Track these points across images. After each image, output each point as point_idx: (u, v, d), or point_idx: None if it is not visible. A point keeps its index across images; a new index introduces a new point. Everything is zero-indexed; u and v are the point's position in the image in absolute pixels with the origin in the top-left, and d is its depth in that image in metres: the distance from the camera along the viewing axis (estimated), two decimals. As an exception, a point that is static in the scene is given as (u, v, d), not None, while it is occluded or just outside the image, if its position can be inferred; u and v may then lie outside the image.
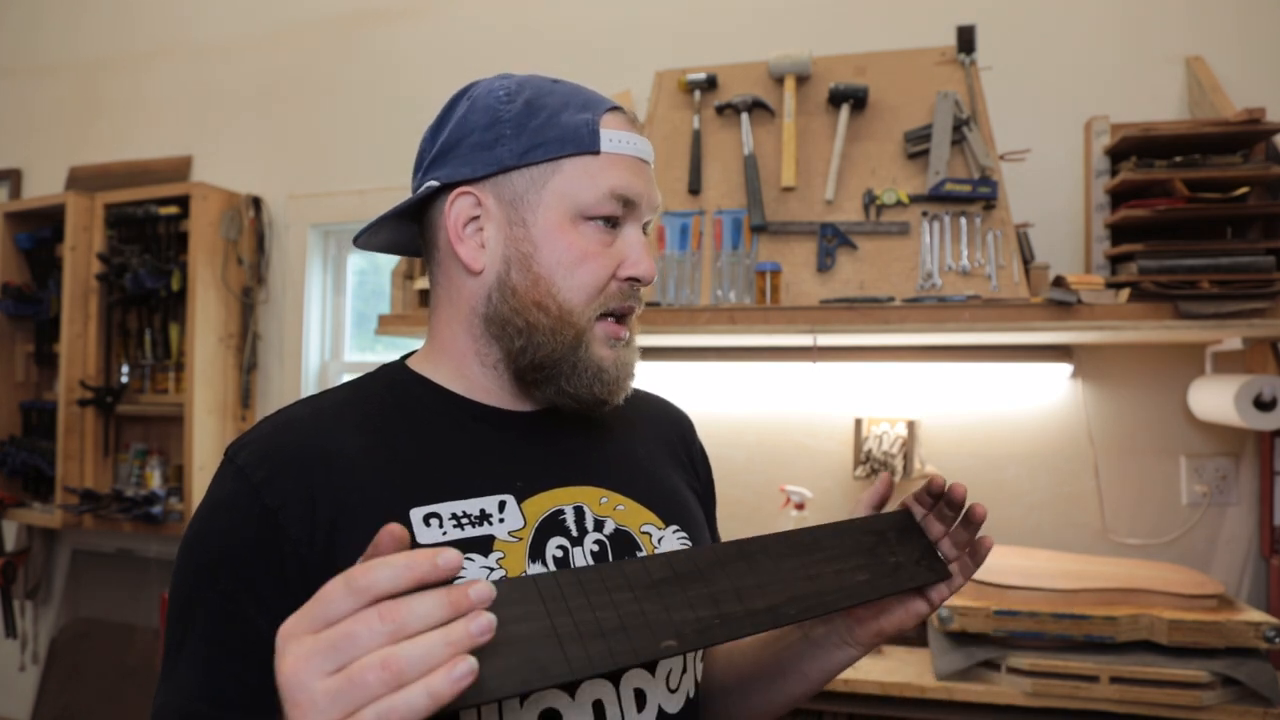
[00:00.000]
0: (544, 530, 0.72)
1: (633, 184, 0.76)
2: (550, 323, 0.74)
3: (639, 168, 0.78)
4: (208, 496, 0.71)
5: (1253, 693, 1.49)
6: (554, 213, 0.75)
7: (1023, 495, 1.99)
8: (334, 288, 2.76)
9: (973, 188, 1.70)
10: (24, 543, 2.89)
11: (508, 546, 0.70)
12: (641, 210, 0.78)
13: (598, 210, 0.75)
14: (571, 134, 0.75)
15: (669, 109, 1.98)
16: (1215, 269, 1.50)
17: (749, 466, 2.13)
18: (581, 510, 0.76)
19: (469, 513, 0.70)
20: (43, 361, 2.82)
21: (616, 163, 0.76)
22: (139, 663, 2.67)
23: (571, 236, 0.75)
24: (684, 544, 0.81)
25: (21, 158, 3.13)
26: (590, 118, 0.76)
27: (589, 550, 0.74)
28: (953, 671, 1.59)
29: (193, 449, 2.50)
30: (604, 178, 0.75)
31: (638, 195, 0.77)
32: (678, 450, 0.92)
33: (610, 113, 0.78)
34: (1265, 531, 1.82)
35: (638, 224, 0.78)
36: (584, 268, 0.74)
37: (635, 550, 0.76)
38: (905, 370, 2.04)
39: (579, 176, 0.75)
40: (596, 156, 0.75)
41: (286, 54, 2.74)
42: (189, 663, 0.66)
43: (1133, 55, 1.99)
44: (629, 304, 0.78)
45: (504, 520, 0.71)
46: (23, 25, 3.17)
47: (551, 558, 0.71)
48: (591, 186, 0.75)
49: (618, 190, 0.75)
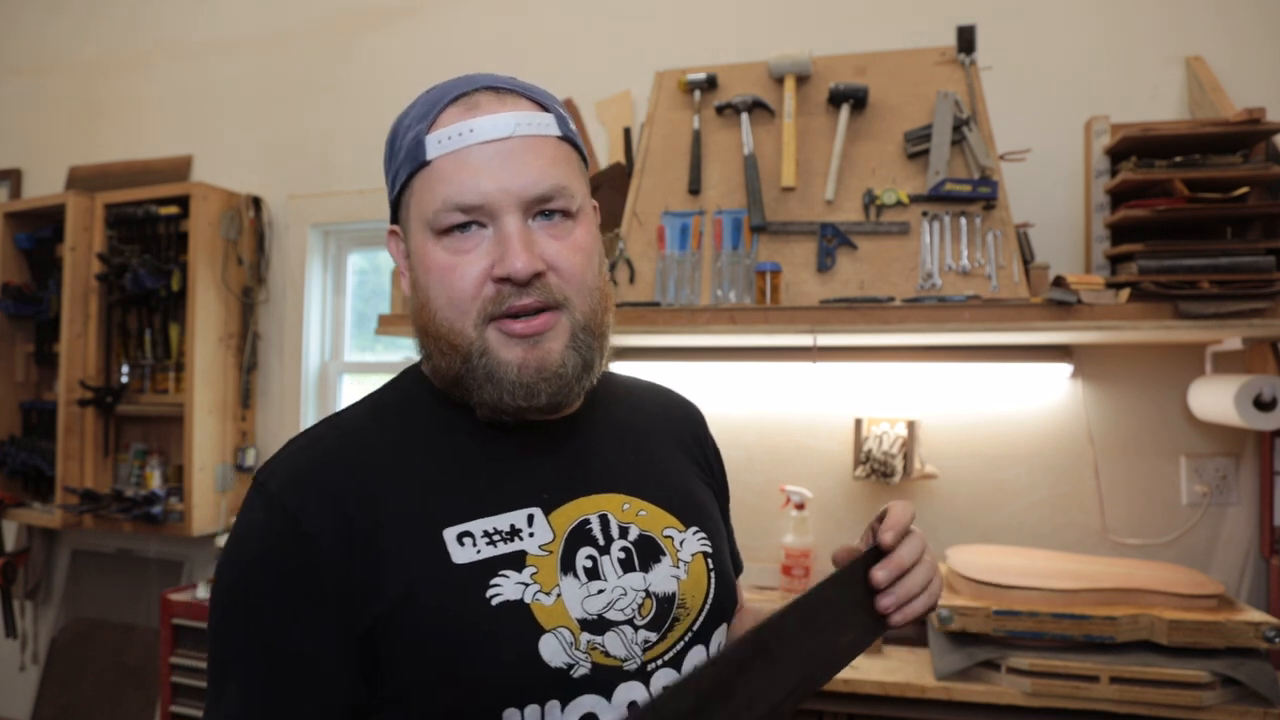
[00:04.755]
0: (572, 541, 0.73)
1: (468, 184, 0.70)
2: (439, 343, 0.74)
3: (481, 158, 0.70)
4: (242, 523, 0.71)
5: (1253, 693, 1.49)
6: (418, 237, 0.74)
7: (1023, 495, 1.99)
8: (334, 288, 2.76)
9: (973, 188, 1.70)
10: (24, 543, 2.89)
11: (539, 561, 0.71)
12: (496, 205, 0.70)
13: (442, 224, 0.71)
14: (408, 153, 0.74)
15: (669, 109, 1.98)
16: (1215, 269, 1.50)
17: (749, 466, 2.13)
18: (606, 519, 0.76)
19: (500, 529, 0.71)
20: (43, 361, 2.82)
21: (448, 166, 0.71)
22: (139, 663, 2.67)
23: (433, 255, 0.72)
24: (704, 545, 0.81)
25: (21, 158, 3.13)
26: (421, 128, 0.72)
27: (616, 558, 0.74)
28: (952, 671, 1.59)
29: (193, 449, 2.50)
30: (437, 189, 0.71)
31: (480, 195, 0.70)
32: (691, 447, 0.92)
33: (452, 105, 0.72)
34: (1265, 531, 1.82)
35: (512, 214, 0.71)
36: (445, 283, 0.72)
37: (659, 554, 0.77)
38: (905, 370, 2.04)
39: (421, 193, 0.73)
40: (427, 167, 0.72)
41: (286, 54, 2.74)
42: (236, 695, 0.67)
43: (1133, 55, 1.99)
44: (522, 302, 0.71)
45: (534, 534, 0.72)
46: (23, 26, 3.17)
47: (582, 569, 0.72)
48: (430, 201, 0.72)
49: (450, 199, 0.70)
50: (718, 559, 0.82)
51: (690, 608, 0.77)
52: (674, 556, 0.78)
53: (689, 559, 0.79)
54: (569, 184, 0.73)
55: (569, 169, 0.75)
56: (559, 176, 0.72)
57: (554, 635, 0.68)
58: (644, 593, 0.74)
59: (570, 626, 0.69)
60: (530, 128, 0.72)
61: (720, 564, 0.82)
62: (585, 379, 0.75)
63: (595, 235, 0.78)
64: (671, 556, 0.78)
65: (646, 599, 0.74)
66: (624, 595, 0.73)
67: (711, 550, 0.82)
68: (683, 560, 0.79)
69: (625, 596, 0.73)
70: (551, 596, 0.70)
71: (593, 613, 0.71)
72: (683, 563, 0.78)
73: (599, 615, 0.71)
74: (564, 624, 0.69)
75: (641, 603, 0.74)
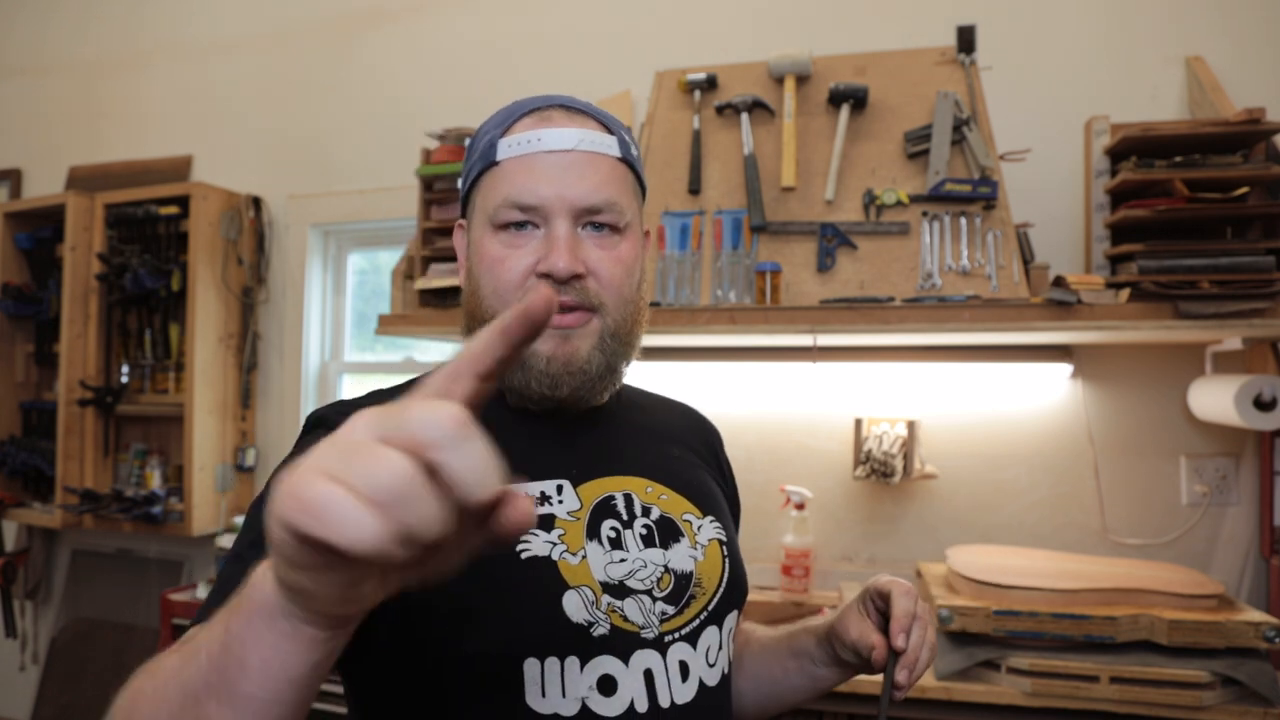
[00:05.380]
0: (598, 513, 0.78)
1: (528, 186, 0.77)
2: (480, 323, 0.79)
3: (545, 165, 0.77)
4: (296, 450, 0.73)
5: (1253, 693, 1.49)
6: (478, 229, 0.82)
7: (1023, 495, 1.99)
8: (334, 288, 2.76)
9: (973, 188, 1.70)
10: (24, 543, 2.89)
11: (567, 525, 0.76)
12: (551, 209, 0.77)
13: (501, 219, 0.78)
14: (481, 152, 0.82)
15: (669, 109, 1.98)
16: (1215, 269, 1.50)
17: (749, 466, 2.13)
18: (630, 497, 0.81)
19: (530, 494, 0.75)
20: (43, 361, 2.82)
21: (514, 168, 0.78)
22: (139, 663, 2.63)
23: (488, 246, 0.79)
24: (719, 532, 0.86)
25: (21, 158, 3.13)
26: (496, 133, 0.80)
27: (638, 533, 0.79)
28: (953, 671, 1.59)
29: (193, 449, 2.50)
30: (501, 187, 0.78)
31: (538, 197, 0.76)
32: (707, 457, 0.98)
33: (527, 116, 0.80)
34: (1265, 531, 1.82)
35: (563, 219, 0.77)
36: (494, 273, 0.78)
37: (679, 535, 0.82)
38: (905, 370, 2.04)
39: (487, 190, 0.80)
40: (496, 167, 0.79)
41: (286, 54, 2.74)
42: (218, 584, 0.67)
43: (1133, 55, 1.99)
44: (560, 299, 0.75)
45: (563, 502, 0.77)
46: (23, 26, 3.17)
47: (606, 538, 0.77)
48: (493, 197, 0.79)
49: (510, 198, 0.77)
50: (731, 548, 0.86)
51: (706, 588, 0.81)
52: (692, 539, 0.82)
53: (706, 543, 0.83)
54: (620, 201, 0.79)
55: (622, 188, 0.81)
56: (612, 193, 0.79)
57: (577, 592, 0.73)
58: (663, 568, 0.79)
59: (593, 586, 0.74)
60: (592, 145, 0.79)
61: (734, 553, 0.86)
62: (608, 380, 0.81)
63: (639, 254, 0.83)
64: (690, 538, 0.82)
65: (665, 574, 0.78)
66: (644, 567, 0.78)
67: (726, 539, 0.86)
68: (700, 544, 0.83)
69: (645, 568, 0.77)
70: (577, 557, 0.74)
71: (615, 578, 0.75)
72: (700, 545, 0.83)
73: (620, 581, 0.75)
74: (587, 583, 0.74)
75: (660, 576, 0.78)
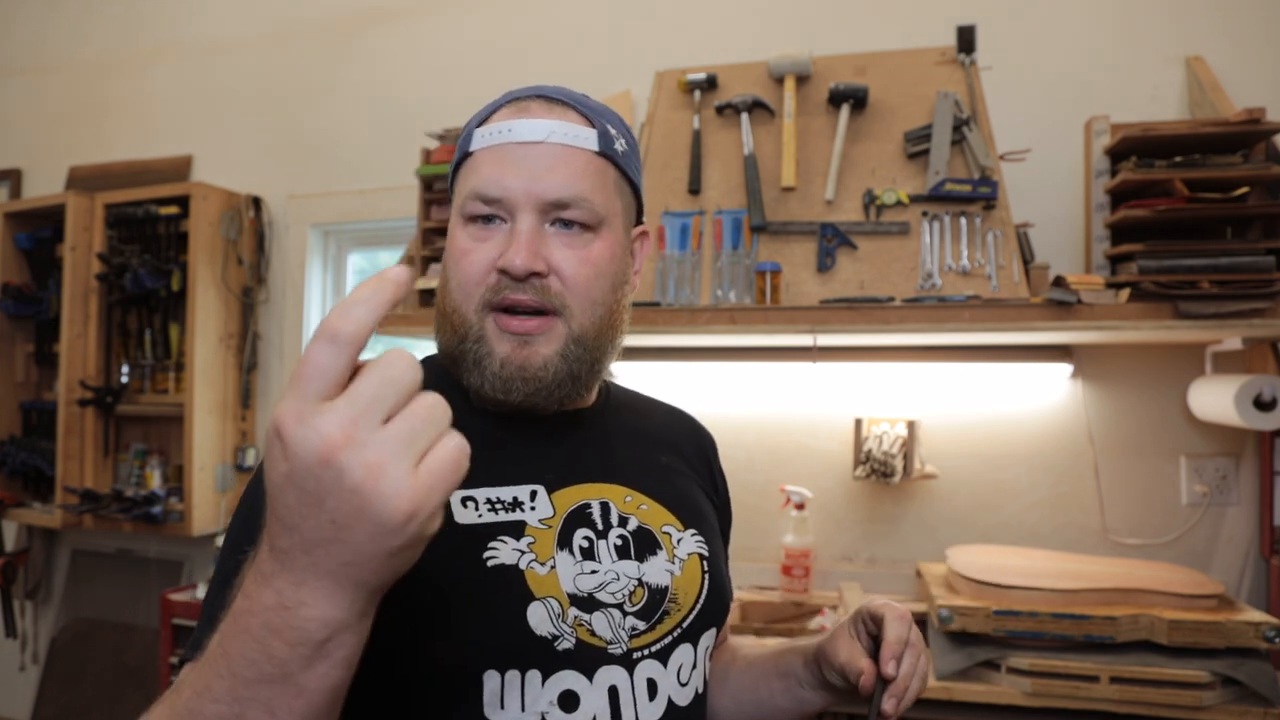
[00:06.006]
0: (572, 521, 0.76)
1: (495, 178, 0.74)
2: (447, 319, 0.78)
3: (514, 157, 0.74)
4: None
5: (1253, 693, 1.49)
6: (452, 221, 0.80)
7: (1023, 495, 1.99)
8: (334, 287, 2.76)
9: (973, 188, 1.70)
10: (24, 543, 2.89)
11: (538, 533, 0.73)
12: (515, 202, 0.73)
13: (468, 211, 0.76)
14: (460, 144, 0.80)
15: (669, 109, 1.98)
16: (1215, 269, 1.50)
17: (749, 466, 2.13)
18: (607, 506, 0.79)
19: (502, 499, 0.74)
20: (43, 361, 2.82)
21: (485, 159, 0.75)
22: (139, 663, 2.67)
23: (457, 238, 0.77)
24: (700, 546, 0.83)
25: (21, 158, 3.13)
26: (474, 124, 0.79)
27: (613, 544, 0.77)
28: (953, 671, 1.59)
29: (193, 449, 2.50)
30: (470, 179, 0.76)
31: (503, 189, 0.73)
32: (699, 466, 0.95)
33: (506, 106, 0.78)
34: (1265, 531, 1.82)
35: (528, 213, 0.74)
36: (459, 266, 0.76)
37: (656, 548, 0.79)
38: (905, 370, 2.04)
39: (460, 181, 0.79)
40: (470, 158, 0.78)
41: (286, 54, 2.74)
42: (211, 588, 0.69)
43: (1133, 55, 1.99)
44: (515, 297, 0.73)
45: (535, 508, 0.74)
46: (24, 25, 3.17)
47: (578, 547, 0.75)
48: (463, 189, 0.77)
49: (477, 189, 0.75)
50: (713, 563, 0.83)
51: (682, 604, 0.78)
52: (670, 552, 0.80)
53: (685, 557, 0.81)
54: (593, 197, 0.75)
55: (598, 183, 0.76)
56: (583, 188, 0.75)
57: (543, 604, 0.70)
58: (636, 581, 0.76)
59: (560, 598, 0.71)
60: (565, 137, 0.75)
61: (715, 568, 0.83)
62: (568, 387, 0.76)
63: (615, 254, 0.78)
64: (668, 552, 0.80)
65: (639, 587, 0.76)
66: (616, 580, 0.75)
67: (708, 554, 0.83)
68: (679, 557, 0.80)
69: (617, 581, 0.75)
70: (545, 567, 0.72)
71: (583, 590, 0.73)
72: (678, 559, 0.80)
73: (589, 594, 0.73)
74: (554, 594, 0.71)
75: (633, 590, 0.75)
